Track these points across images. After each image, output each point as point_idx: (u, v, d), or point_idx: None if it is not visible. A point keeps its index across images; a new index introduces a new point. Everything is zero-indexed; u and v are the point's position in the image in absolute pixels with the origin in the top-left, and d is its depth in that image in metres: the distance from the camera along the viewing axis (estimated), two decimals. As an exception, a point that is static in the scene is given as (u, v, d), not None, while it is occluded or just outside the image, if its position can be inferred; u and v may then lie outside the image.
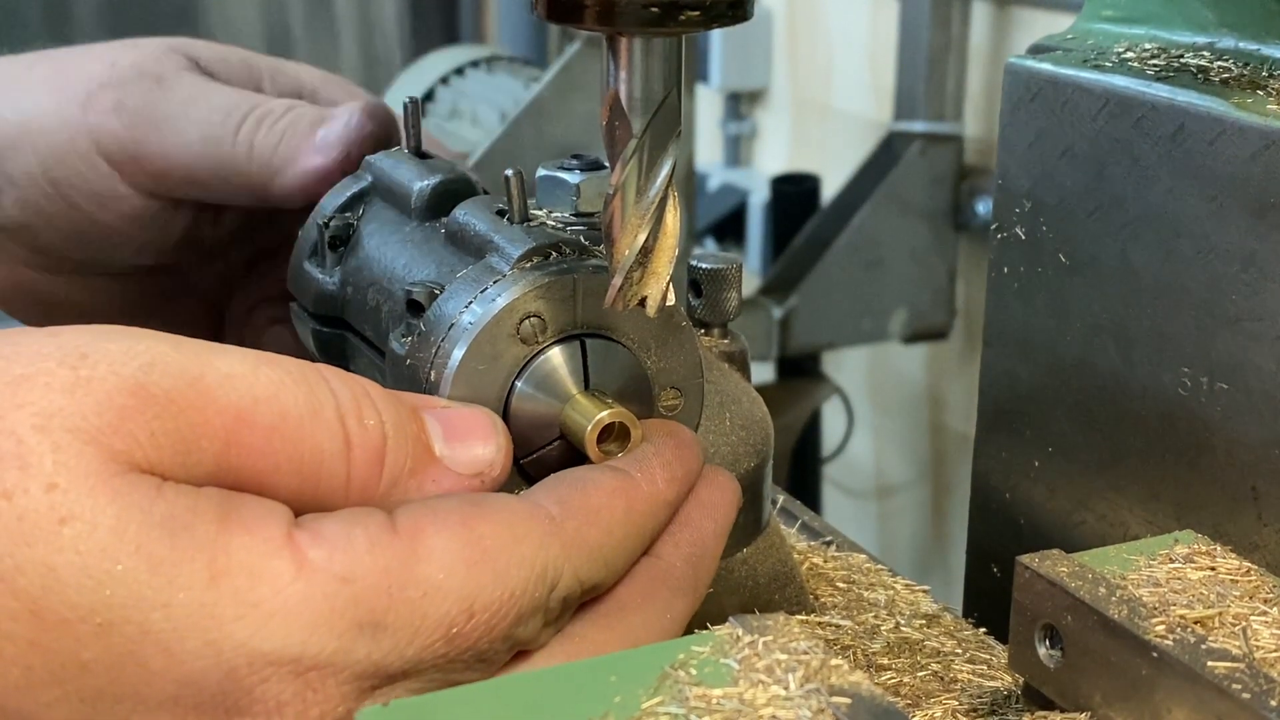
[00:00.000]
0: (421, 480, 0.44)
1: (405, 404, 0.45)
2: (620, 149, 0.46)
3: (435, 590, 0.41)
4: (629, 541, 0.46)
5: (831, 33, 1.90)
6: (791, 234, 1.66)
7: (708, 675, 0.41)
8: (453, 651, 0.41)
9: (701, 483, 0.50)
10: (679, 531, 0.48)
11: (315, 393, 0.42)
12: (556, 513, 0.44)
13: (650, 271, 0.47)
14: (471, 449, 0.45)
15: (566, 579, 0.44)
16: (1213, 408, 0.54)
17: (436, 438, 0.45)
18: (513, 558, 0.42)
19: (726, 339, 0.60)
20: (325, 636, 0.39)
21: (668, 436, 0.49)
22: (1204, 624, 0.45)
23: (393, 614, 0.40)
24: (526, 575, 0.42)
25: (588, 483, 0.46)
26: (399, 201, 0.57)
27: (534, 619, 0.43)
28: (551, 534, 0.44)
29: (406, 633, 0.41)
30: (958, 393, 1.74)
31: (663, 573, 0.47)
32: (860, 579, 0.62)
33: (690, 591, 0.48)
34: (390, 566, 0.41)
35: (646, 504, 0.47)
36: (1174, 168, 0.54)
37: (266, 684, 0.39)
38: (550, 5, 0.45)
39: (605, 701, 0.40)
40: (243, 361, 0.42)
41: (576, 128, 1.38)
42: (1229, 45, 0.59)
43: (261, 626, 0.39)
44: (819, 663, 0.41)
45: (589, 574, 0.44)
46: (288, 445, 0.41)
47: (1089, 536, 0.60)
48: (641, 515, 0.46)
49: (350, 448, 0.43)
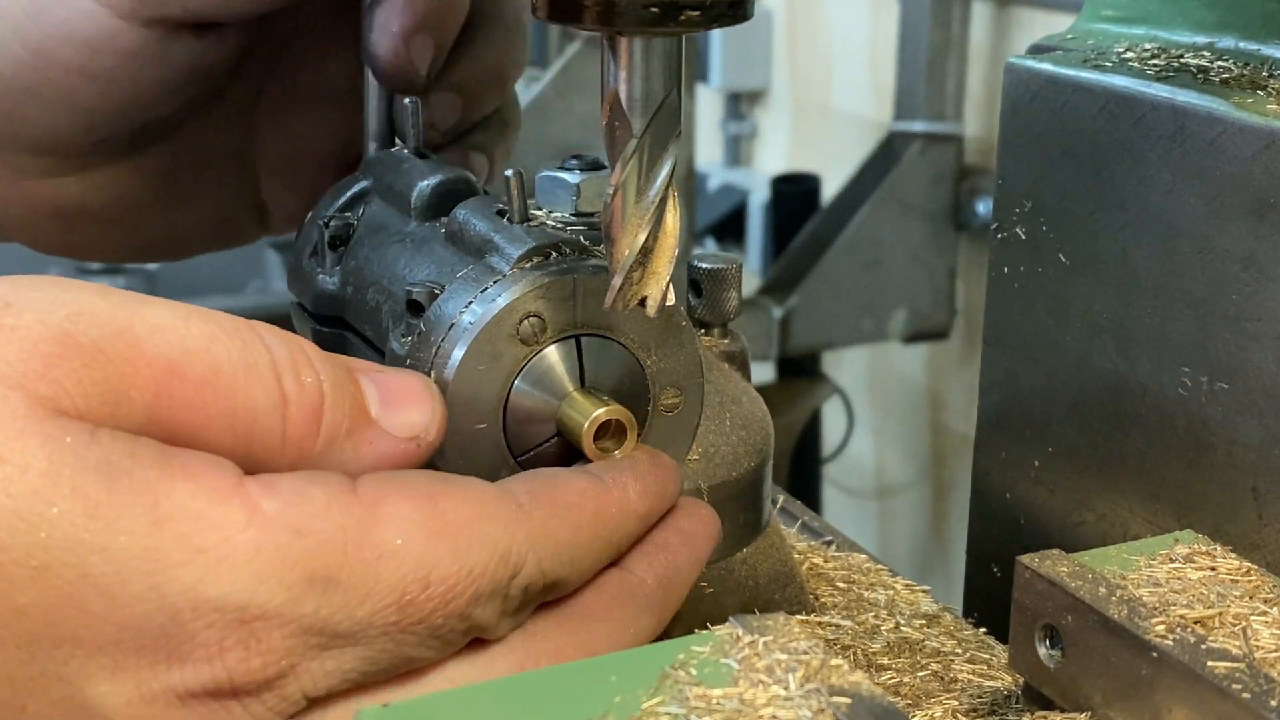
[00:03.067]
0: (358, 441, 0.43)
1: (342, 365, 0.44)
2: (620, 149, 0.46)
3: (392, 554, 0.40)
4: (596, 544, 0.45)
5: (831, 33, 1.90)
6: (791, 234, 1.66)
7: (708, 675, 0.41)
8: (405, 621, 0.41)
9: (682, 512, 0.49)
10: (654, 552, 0.48)
11: (249, 347, 0.42)
12: (526, 501, 0.44)
13: (650, 271, 0.47)
14: (407, 413, 0.44)
15: (529, 568, 0.43)
16: (1213, 408, 0.54)
17: (372, 401, 0.44)
18: (475, 535, 0.42)
19: (726, 339, 0.60)
20: (274, 586, 0.39)
21: (645, 455, 0.49)
22: (1204, 624, 0.45)
23: (346, 571, 0.40)
24: (488, 556, 0.42)
25: (560, 480, 0.46)
26: (399, 201, 0.57)
27: (492, 603, 0.42)
28: (518, 520, 0.43)
29: (358, 592, 0.40)
30: (958, 393, 1.74)
31: (633, 587, 0.47)
32: (860, 579, 0.62)
33: (658, 611, 0.47)
34: (347, 525, 0.40)
35: (617, 510, 0.46)
36: (1174, 168, 0.54)
37: (210, 630, 0.39)
38: (550, 5, 0.45)
39: (605, 701, 0.40)
40: (173, 313, 0.41)
41: (576, 128, 1.39)
42: (1229, 45, 0.59)
43: (208, 572, 0.38)
44: (819, 663, 0.41)
45: (552, 567, 0.44)
46: (220, 399, 0.41)
47: (1089, 536, 0.60)
48: (611, 520, 0.46)
49: (286, 404, 0.42)
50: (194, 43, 0.60)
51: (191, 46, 0.60)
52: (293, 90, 0.66)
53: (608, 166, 0.47)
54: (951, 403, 1.76)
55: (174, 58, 0.60)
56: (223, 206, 0.67)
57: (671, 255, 0.47)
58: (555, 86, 1.39)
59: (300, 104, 0.66)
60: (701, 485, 0.54)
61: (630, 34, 0.45)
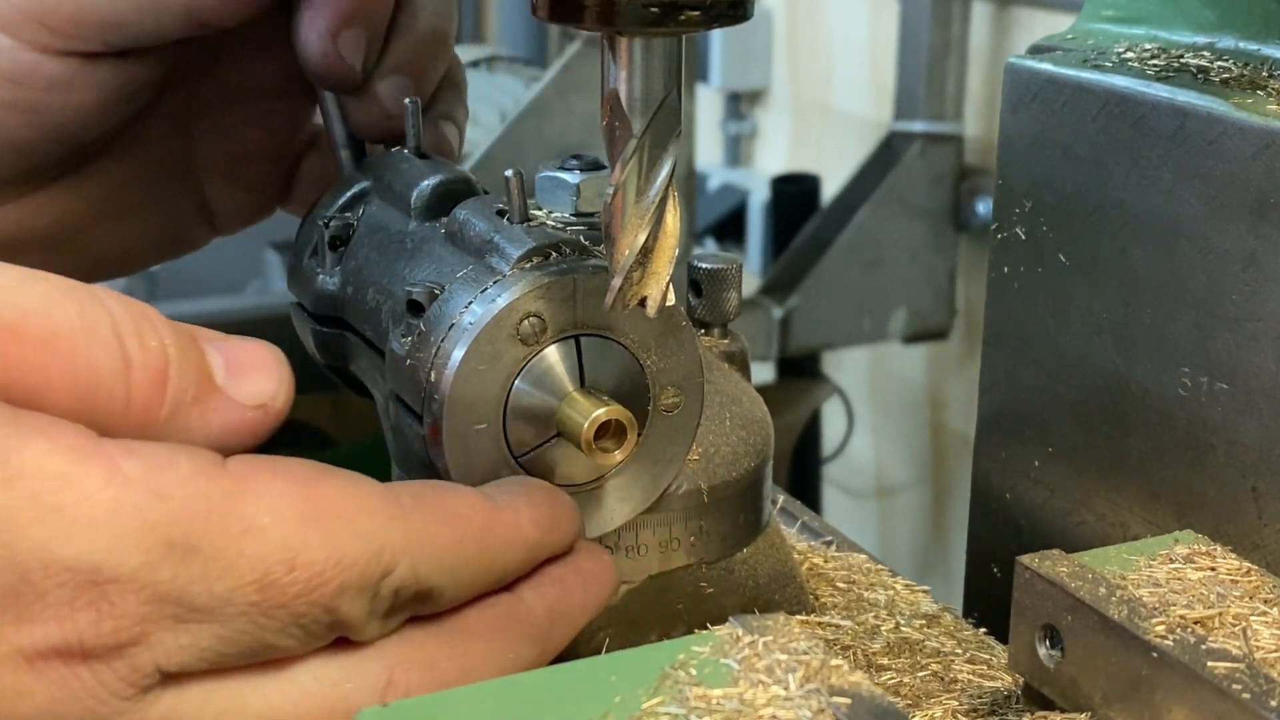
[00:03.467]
0: (204, 409, 0.42)
1: (185, 331, 0.43)
2: (620, 149, 0.46)
3: (258, 531, 0.39)
4: (479, 560, 0.44)
5: (831, 33, 1.90)
6: (791, 234, 1.66)
7: (708, 675, 0.41)
8: (266, 602, 0.39)
9: (584, 554, 0.48)
10: (547, 585, 0.46)
11: (88, 309, 0.40)
12: (409, 503, 0.43)
13: (650, 271, 0.47)
14: (254, 381, 0.43)
15: (403, 569, 0.41)
16: (1213, 408, 0.54)
17: (218, 368, 0.43)
18: (349, 526, 0.41)
19: (726, 339, 0.60)
20: (131, 549, 0.38)
21: (543, 487, 0.48)
22: (1204, 624, 0.45)
23: (207, 541, 0.39)
24: (360, 548, 0.40)
25: (449, 491, 0.45)
26: (399, 201, 0.57)
27: (360, 599, 0.41)
28: (398, 519, 0.42)
29: (219, 565, 0.39)
30: (958, 393, 1.74)
31: (520, 614, 0.45)
32: (860, 579, 0.62)
33: (542, 643, 0.46)
34: (213, 495, 0.39)
35: (505, 531, 0.45)
36: (1174, 168, 0.54)
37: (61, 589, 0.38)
38: (550, 5, 0.45)
39: (605, 701, 0.40)
40: (6, 274, 0.40)
41: (576, 128, 1.39)
42: (1229, 45, 0.59)
43: (62, 531, 0.37)
44: (819, 663, 0.41)
45: (428, 573, 0.42)
46: (61, 361, 0.39)
47: (1089, 536, 0.60)
48: (498, 540, 0.44)
49: (130, 367, 0.40)
50: (119, 65, 0.58)
51: (117, 69, 0.58)
52: (226, 90, 0.65)
53: (608, 166, 0.47)
54: (951, 403, 1.76)
55: (100, 81, 0.58)
56: (170, 215, 0.66)
57: (671, 255, 0.47)
58: (555, 86, 1.39)
59: (235, 102, 0.65)
60: (701, 485, 0.54)
61: (630, 34, 0.45)
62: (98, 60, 0.57)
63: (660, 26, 0.44)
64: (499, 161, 1.33)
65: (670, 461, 0.52)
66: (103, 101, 0.59)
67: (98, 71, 0.58)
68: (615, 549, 0.53)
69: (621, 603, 0.54)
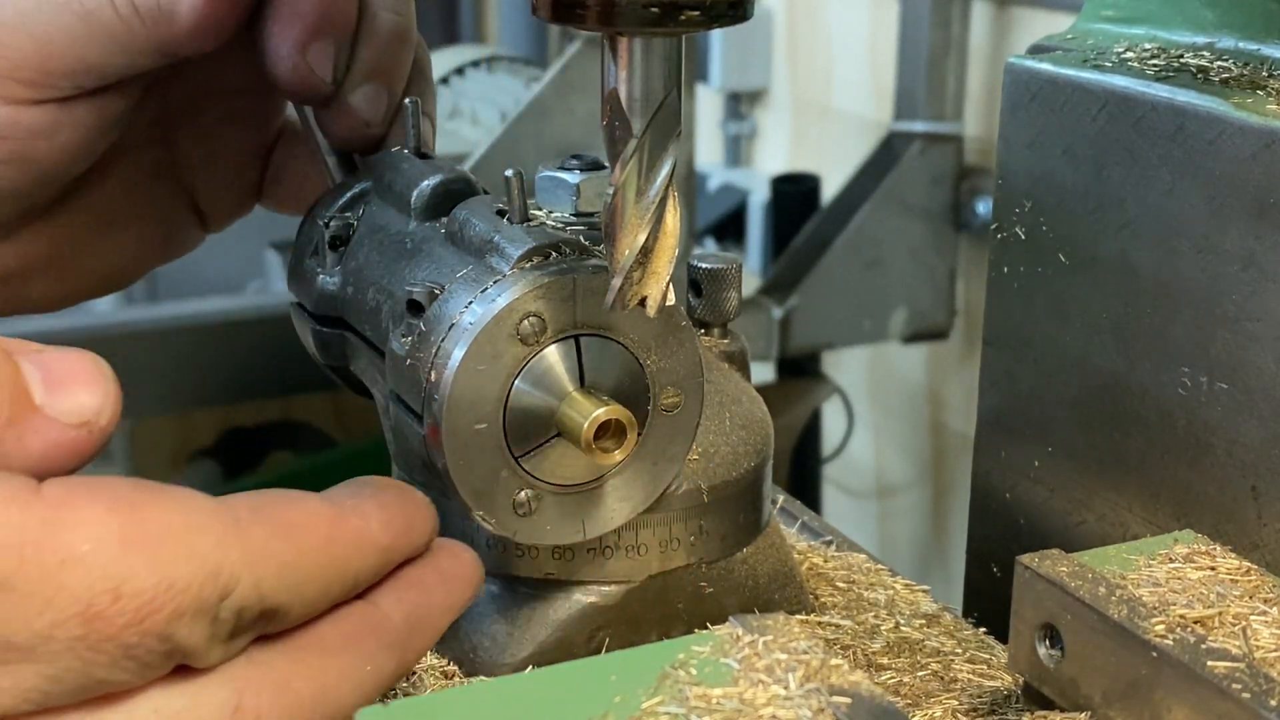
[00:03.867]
0: (21, 431, 0.39)
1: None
2: (620, 149, 0.46)
3: (77, 561, 0.37)
4: (327, 572, 0.42)
5: (831, 33, 1.90)
6: (791, 234, 1.66)
7: (708, 675, 0.41)
8: (92, 636, 0.37)
9: (443, 552, 0.46)
10: (405, 590, 0.44)
11: None
12: (246, 517, 0.40)
13: (650, 271, 0.47)
14: (75, 396, 0.40)
15: (244, 588, 0.39)
16: (1213, 408, 0.54)
17: (35, 384, 0.39)
18: (180, 548, 0.38)
19: (726, 339, 0.60)
20: None
21: (394, 487, 0.46)
22: (1204, 624, 0.45)
23: (22, 576, 0.36)
24: (194, 571, 0.38)
25: (290, 500, 0.42)
26: (399, 201, 0.57)
27: (198, 624, 0.38)
28: (233, 535, 0.39)
29: (37, 600, 0.36)
30: (958, 393, 1.74)
31: (376, 623, 0.43)
32: (860, 579, 0.62)
33: (401, 650, 0.44)
34: (27, 525, 0.37)
35: (353, 538, 0.42)
36: (1174, 168, 0.54)
37: None
38: (551, 5, 0.45)
39: (605, 701, 0.40)
40: None
41: (576, 128, 1.39)
42: (1229, 45, 0.59)
43: None
44: (819, 662, 0.41)
45: (273, 591, 0.40)
46: None
47: (1089, 536, 0.60)
48: (345, 548, 0.42)
49: None
50: (96, 101, 0.58)
51: (95, 105, 0.58)
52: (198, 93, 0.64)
53: (608, 166, 0.47)
54: (951, 403, 1.76)
55: (80, 120, 0.58)
56: (163, 220, 0.66)
57: (671, 255, 0.47)
58: (555, 86, 1.39)
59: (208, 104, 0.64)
60: (701, 485, 0.54)
61: (630, 34, 0.45)
62: (74, 102, 0.57)
63: (660, 27, 0.44)
64: (499, 161, 1.33)
65: (670, 461, 0.52)
66: (86, 138, 0.58)
67: (76, 112, 0.57)
68: (615, 549, 0.53)
69: (621, 603, 0.54)
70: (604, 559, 0.53)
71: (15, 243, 0.61)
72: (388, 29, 0.60)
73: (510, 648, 0.53)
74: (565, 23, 0.45)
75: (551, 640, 0.53)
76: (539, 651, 0.53)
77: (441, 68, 1.86)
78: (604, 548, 0.53)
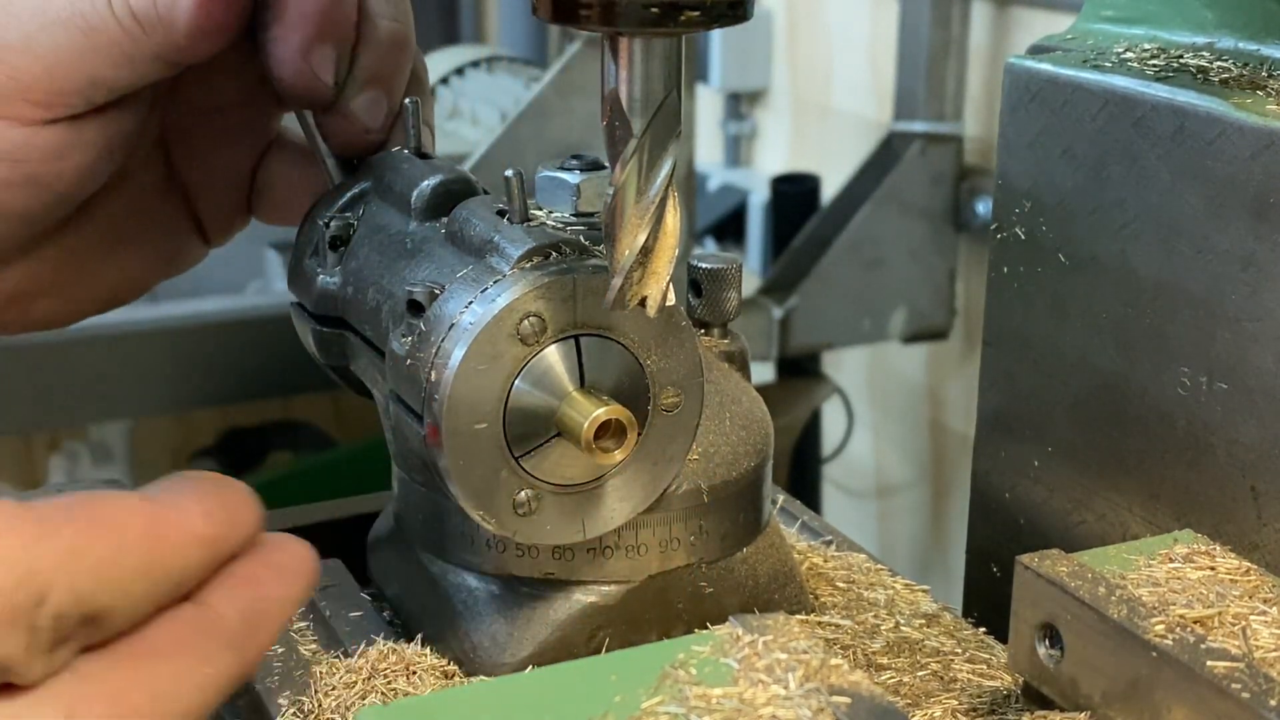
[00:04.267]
0: None
1: None
2: (620, 149, 0.46)
3: None
4: (151, 571, 0.39)
5: (831, 33, 1.90)
6: (791, 234, 1.66)
7: (708, 675, 0.41)
8: None
9: (273, 547, 0.44)
10: (237, 585, 0.42)
11: None
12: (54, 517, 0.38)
13: (650, 271, 0.47)
14: None
15: (60, 593, 0.37)
16: (1213, 408, 0.54)
17: None
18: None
19: (726, 339, 0.60)
20: None
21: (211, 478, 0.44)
22: (1204, 624, 0.45)
23: None
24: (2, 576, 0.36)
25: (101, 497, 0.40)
26: (399, 201, 0.57)
27: (14, 634, 0.36)
28: (43, 537, 0.37)
29: None
30: (958, 393, 1.74)
31: (210, 622, 0.41)
32: (860, 579, 0.62)
33: (241, 649, 0.42)
34: None
35: (174, 533, 0.40)
36: (1174, 168, 0.54)
37: None
38: (551, 6, 0.45)
39: (605, 701, 0.40)
40: None
41: (576, 128, 1.38)
42: (1229, 45, 0.59)
43: None
44: (819, 662, 0.41)
45: (93, 593, 0.38)
46: None
47: (1089, 536, 0.60)
48: (167, 544, 0.40)
49: None
50: (105, 119, 0.58)
51: (103, 123, 0.58)
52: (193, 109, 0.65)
53: (608, 166, 0.47)
54: (951, 403, 1.76)
55: (90, 140, 0.58)
56: (167, 236, 0.66)
57: (671, 255, 0.47)
58: (555, 86, 1.39)
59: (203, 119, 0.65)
60: (701, 485, 0.54)
61: (630, 34, 0.45)
62: (84, 120, 0.57)
63: (660, 27, 0.44)
64: (499, 161, 1.33)
65: (670, 461, 0.52)
66: (96, 160, 0.59)
67: (86, 132, 0.58)
68: (615, 549, 0.53)
69: (621, 602, 0.54)
70: (604, 559, 0.53)
71: (23, 264, 0.61)
72: (387, 36, 0.61)
73: (510, 647, 0.53)
74: (565, 23, 0.45)
75: (551, 640, 0.53)
76: (539, 651, 0.53)
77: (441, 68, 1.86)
78: (604, 548, 0.53)
